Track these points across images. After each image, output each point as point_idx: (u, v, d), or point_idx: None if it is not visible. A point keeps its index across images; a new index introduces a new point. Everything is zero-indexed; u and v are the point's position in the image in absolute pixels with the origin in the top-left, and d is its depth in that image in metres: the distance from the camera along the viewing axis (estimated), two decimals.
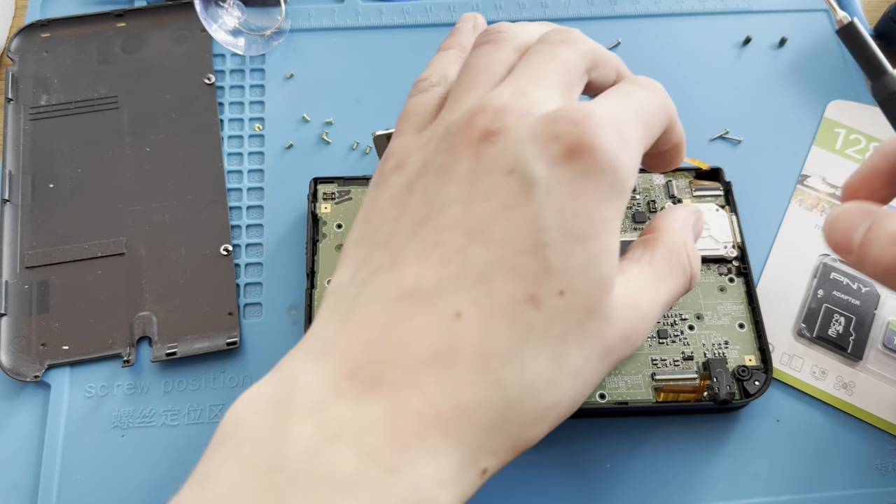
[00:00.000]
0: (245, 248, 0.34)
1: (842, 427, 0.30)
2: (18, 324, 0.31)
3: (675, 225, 0.25)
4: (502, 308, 0.18)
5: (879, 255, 0.22)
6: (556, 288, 0.19)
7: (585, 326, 0.20)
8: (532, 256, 0.19)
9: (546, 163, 0.19)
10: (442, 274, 0.19)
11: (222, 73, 0.38)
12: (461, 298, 0.18)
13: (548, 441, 0.29)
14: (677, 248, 0.24)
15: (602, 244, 0.20)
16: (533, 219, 0.19)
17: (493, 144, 0.20)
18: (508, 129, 0.20)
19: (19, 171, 0.35)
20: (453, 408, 0.18)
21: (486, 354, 0.18)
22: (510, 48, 0.24)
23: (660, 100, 0.23)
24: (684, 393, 0.28)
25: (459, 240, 0.19)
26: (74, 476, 0.29)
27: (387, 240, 0.20)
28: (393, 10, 0.40)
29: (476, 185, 0.19)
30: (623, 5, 0.40)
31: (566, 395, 0.19)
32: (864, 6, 0.40)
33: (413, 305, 0.19)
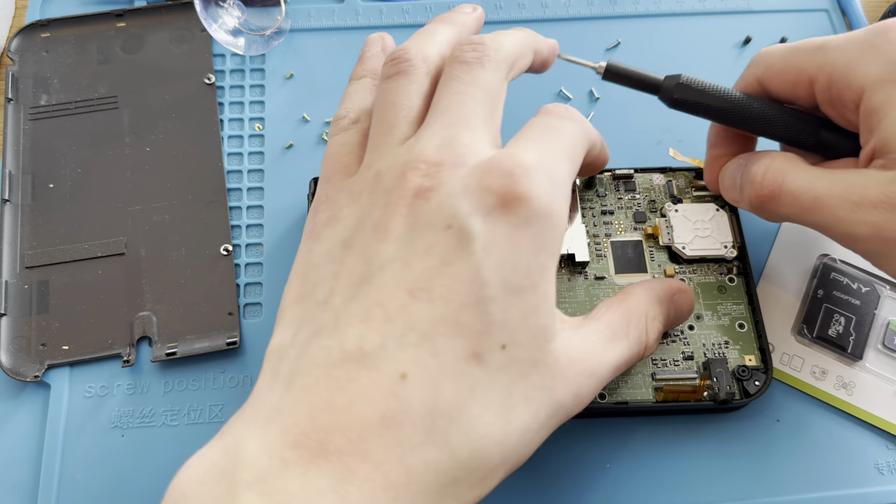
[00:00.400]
0: (245, 248, 0.34)
1: (842, 427, 0.30)
2: (18, 324, 0.31)
3: (648, 294, 0.25)
4: (447, 367, 0.18)
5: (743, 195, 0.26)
6: (499, 342, 0.19)
7: (530, 379, 0.20)
8: (474, 312, 0.19)
9: (482, 216, 0.19)
10: (385, 334, 0.18)
11: (222, 73, 0.38)
12: (406, 359, 0.18)
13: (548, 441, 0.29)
14: (638, 316, 0.24)
15: (539, 293, 0.20)
16: (473, 274, 0.19)
17: (428, 201, 0.20)
18: (442, 185, 0.20)
19: (19, 171, 0.35)
20: (402, 472, 0.17)
21: (433, 415, 0.18)
22: (422, 75, 0.24)
23: (580, 128, 0.23)
24: (684, 393, 0.28)
25: (401, 298, 0.19)
26: (74, 476, 0.29)
27: (326, 299, 0.20)
28: (393, 10, 0.40)
29: (414, 242, 0.19)
30: (623, 5, 0.40)
31: (514, 451, 0.19)
32: (864, 6, 0.40)
33: (357, 368, 0.18)
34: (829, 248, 0.33)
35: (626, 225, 0.32)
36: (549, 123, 0.23)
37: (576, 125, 0.23)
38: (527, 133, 0.22)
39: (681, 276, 0.31)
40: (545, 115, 0.23)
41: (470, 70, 0.22)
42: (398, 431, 0.18)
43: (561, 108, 0.24)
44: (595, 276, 0.31)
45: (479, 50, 0.23)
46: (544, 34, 0.39)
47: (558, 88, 0.38)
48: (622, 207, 0.32)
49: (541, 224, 0.20)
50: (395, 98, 0.23)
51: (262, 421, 0.18)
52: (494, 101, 0.23)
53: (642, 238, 0.32)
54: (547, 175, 0.20)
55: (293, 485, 0.17)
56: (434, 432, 0.18)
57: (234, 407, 0.30)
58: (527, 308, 0.19)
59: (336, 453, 0.17)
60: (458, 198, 0.19)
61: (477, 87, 0.22)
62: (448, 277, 0.19)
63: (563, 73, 0.38)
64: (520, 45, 0.25)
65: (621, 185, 0.33)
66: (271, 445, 0.17)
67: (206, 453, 0.18)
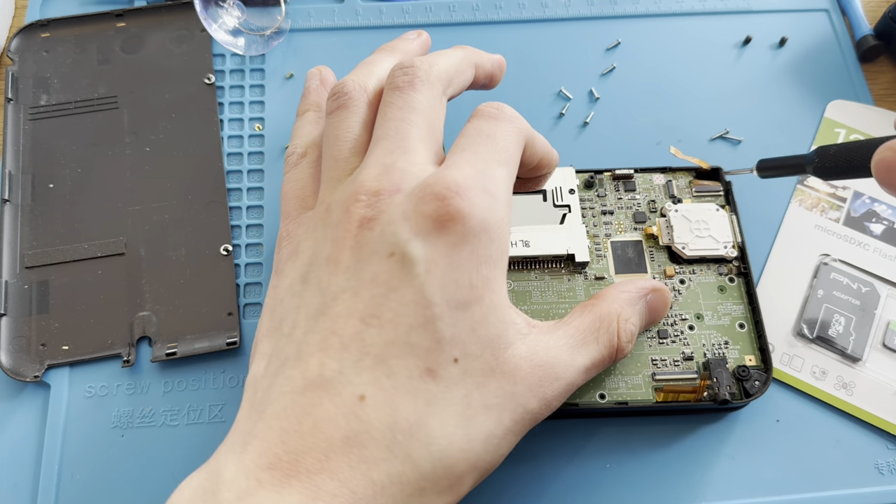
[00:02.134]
0: (245, 248, 0.34)
1: (842, 427, 0.30)
2: (18, 324, 0.31)
3: (620, 296, 0.26)
4: (402, 385, 0.19)
5: None
6: (451, 356, 0.20)
7: (487, 387, 0.21)
8: (423, 331, 0.20)
9: (421, 240, 0.20)
10: (343, 361, 0.20)
11: (222, 73, 0.38)
12: (363, 382, 0.19)
13: (548, 441, 0.29)
14: (608, 318, 0.25)
15: (486, 305, 0.21)
16: (418, 296, 0.20)
17: (371, 230, 0.21)
18: (382, 213, 0.21)
19: (19, 171, 0.35)
20: (368, 486, 0.19)
21: (392, 431, 0.19)
22: (362, 106, 0.25)
23: (511, 126, 0.24)
24: (684, 393, 0.28)
25: (354, 326, 0.20)
26: (74, 476, 0.29)
27: (290, 332, 0.21)
28: (393, 10, 0.40)
29: (362, 271, 0.21)
30: (623, 5, 0.40)
31: (481, 458, 0.20)
32: (864, 6, 0.40)
33: (320, 393, 0.19)
34: (829, 248, 0.33)
35: (626, 225, 0.32)
36: (479, 129, 0.23)
37: (507, 125, 0.24)
38: (460, 143, 0.23)
39: (681, 277, 0.31)
40: (476, 120, 0.24)
41: (402, 94, 0.23)
42: (362, 449, 0.19)
43: (491, 109, 0.24)
44: (595, 276, 0.31)
45: (410, 73, 0.24)
46: (544, 34, 0.40)
47: (558, 88, 0.38)
48: (622, 207, 0.32)
49: (478, 239, 0.20)
50: (338, 132, 0.24)
51: (239, 446, 0.20)
52: (431, 120, 0.23)
53: (642, 238, 0.32)
54: (480, 189, 0.21)
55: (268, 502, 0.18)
56: (395, 447, 0.19)
57: (234, 407, 0.30)
58: (475, 321, 0.20)
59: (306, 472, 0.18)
60: (397, 225, 0.20)
61: (410, 111, 0.23)
62: (395, 302, 0.20)
63: (563, 73, 0.38)
64: (455, 62, 0.26)
65: (621, 185, 0.33)
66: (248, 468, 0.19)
67: (195, 477, 0.20)
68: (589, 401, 0.28)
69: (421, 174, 0.22)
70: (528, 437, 0.29)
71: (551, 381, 0.22)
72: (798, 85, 0.38)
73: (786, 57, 0.39)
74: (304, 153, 0.27)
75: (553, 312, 0.30)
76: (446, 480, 0.20)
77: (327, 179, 0.24)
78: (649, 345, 0.29)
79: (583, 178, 0.33)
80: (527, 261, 0.31)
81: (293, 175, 0.26)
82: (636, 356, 0.29)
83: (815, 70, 0.38)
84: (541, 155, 0.26)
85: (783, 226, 0.34)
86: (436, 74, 0.24)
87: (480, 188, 0.21)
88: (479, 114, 0.24)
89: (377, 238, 0.21)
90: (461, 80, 0.26)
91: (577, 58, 0.39)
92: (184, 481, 0.20)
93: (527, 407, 0.21)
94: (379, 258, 0.20)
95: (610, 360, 0.25)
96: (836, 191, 0.35)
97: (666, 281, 0.31)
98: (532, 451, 0.29)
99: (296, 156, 0.27)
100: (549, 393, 0.22)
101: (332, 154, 0.24)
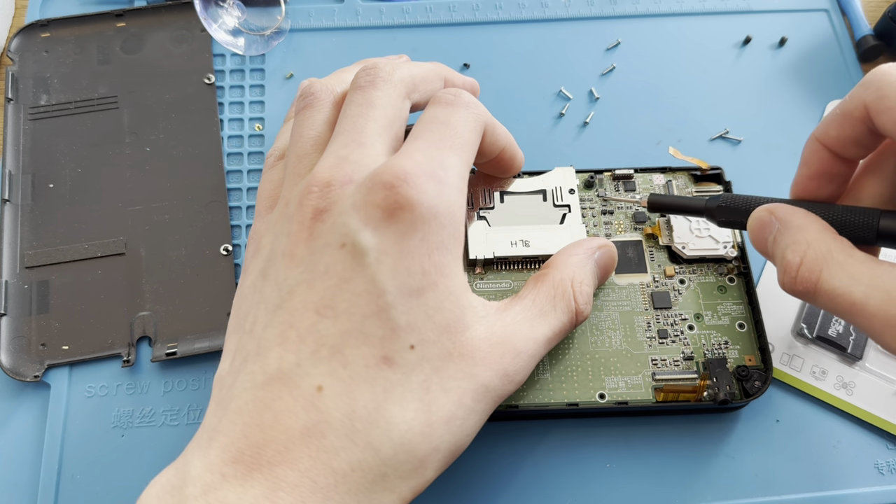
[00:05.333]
0: (245, 248, 0.34)
1: (842, 427, 0.30)
2: (18, 324, 0.31)
3: (569, 260, 0.26)
4: (359, 374, 0.20)
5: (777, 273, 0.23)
6: (406, 343, 0.20)
7: (446, 370, 0.21)
8: (377, 320, 0.20)
9: (371, 230, 0.20)
10: (300, 353, 0.20)
11: (222, 73, 0.38)
12: (320, 373, 0.20)
13: (547, 441, 0.29)
14: (563, 285, 0.25)
15: (441, 290, 0.21)
16: (370, 286, 0.20)
17: (323, 222, 0.21)
18: (334, 205, 0.21)
19: (19, 171, 0.35)
20: (329, 475, 0.19)
21: (351, 420, 0.19)
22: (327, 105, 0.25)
23: (468, 113, 0.24)
24: (684, 393, 0.28)
25: (310, 318, 0.20)
26: (74, 476, 0.29)
27: (251, 327, 0.22)
28: (393, 10, 0.40)
29: (315, 264, 0.21)
30: (623, 5, 0.40)
31: (444, 440, 0.21)
32: (864, 6, 0.40)
33: (279, 386, 0.20)
34: None
35: (626, 225, 0.32)
36: (434, 116, 0.23)
37: (463, 111, 0.24)
38: (415, 131, 0.23)
39: (681, 277, 0.31)
40: (432, 107, 0.24)
41: (362, 92, 0.24)
42: (321, 439, 0.19)
43: (448, 95, 0.24)
44: None
45: (372, 73, 0.24)
46: (544, 34, 0.40)
47: (558, 88, 0.38)
48: (622, 207, 0.32)
49: (428, 226, 0.21)
50: (302, 130, 0.25)
51: (205, 442, 0.20)
52: (390, 116, 0.24)
53: (642, 238, 0.32)
54: (429, 175, 0.21)
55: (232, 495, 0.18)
56: (355, 435, 0.19)
57: None
58: (430, 306, 0.21)
59: (267, 465, 0.19)
60: (348, 215, 0.21)
61: (369, 107, 0.23)
62: (348, 293, 0.20)
63: (563, 73, 0.38)
64: (422, 70, 0.26)
65: (621, 185, 0.33)
66: (213, 462, 0.19)
67: (165, 473, 0.20)
68: (589, 401, 0.28)
69: (374, 165, 0.22)
70: (528, 437, 0.29)
71: (512, 357, 0.22)
72: (798, 85, 0.38)
73: (786, 57, 0.39)
74: (281, 155, 0.27)
75: None
76: (409, 465, 0.20)
77: (289, 176, 0.24)
78: (649, 345, 0.29)
79: (583, 178, 0.33)
80: (527, 261, 0.31)
81: (268, 176, 0.27)
82: (636, 356, 0.29)
83: (814, 70, 0.38)
84: (503, 145, 0.26)
85: None
86: (398, 77, 0.25)
87: (429, 175, 0.21)
88: (435, 100, 0.24)
89: (329, 230, 0.21)
90: (427, 89, 0.26)
91: (577, 58, 0.39)
92: (155, 478, 0.20)
93: (488, 385, 0.22)
94: (331, 249, 0.21)
95: (571, 326, 0.25)
96: None
97: (666, 281, 0.31)
98: (531, 450, 0.29)
99: (273, 158, 0.28)
100: (511, 368, 0.22)
101: (296, 151, 0.25)
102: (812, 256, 0.22)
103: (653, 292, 0.30)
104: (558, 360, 0.29)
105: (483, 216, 0.31)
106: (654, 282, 0.31)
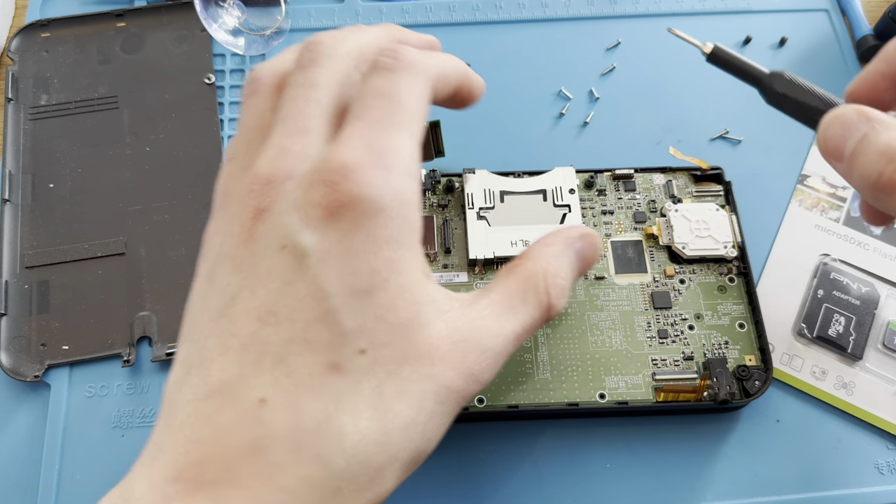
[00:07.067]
0: None
1: (842, 427, 0.30)
2: (18, 324, 0.31)
3: (544, 251, 0.24)
4: (304, 384, 0.18)
5: (867, 168, 0.20)
6: (356, 348, 0.19)
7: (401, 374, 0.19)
8: (322, 325, 0.19)
9: (312, 230, 0.19)
10: (242, 363, 0.19)
11: (222, 72, 0.38)
12: (263, 384, 0.18)
13: (547, 440, 0.29)
14: (535, 277, 0.23)
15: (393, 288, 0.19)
16: (314, 289, 0.19)
17: (264, 223, 0.20)
18: (274, 203, 0.20)
19: (19, 171, 0.35)
20: (276, 493, 0.18)
21: (298, 433, 0.18)
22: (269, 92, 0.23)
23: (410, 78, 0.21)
24: (684, 393, 0.28)
25: (251, 326, 0.19)
26: (74, 476, 0.29)
27: (196, 336, 0.20)
28: (393, 10, 0.40)
29: (257, 267, 0.19)
30: (623, 5, 0.40)
31: (402, 447, 0.19)
32: (864, 6, 0.40)
33: (221, 400, 0.19)
34: (830, 248, 0.33)
35: (626, 225, 0.32)
36: (373, 88, 0.21)
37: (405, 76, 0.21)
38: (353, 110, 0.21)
39: (681, 277, 0.31)
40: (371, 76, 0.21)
41: (304, 72, 0.22)
42: (266, 455, 0.18)
43: (387, 59, 0.21)
44: (595, 276, 0.31)
45: (314, 50, 0.22)
46: (544, 34, 0.40)
47: (558, 88, 0.38)
48: (622, 207, 0.32)
49: (374, 221, 0.19)
50: (246, 118, 0.23)
51: (149, 460, 0.19)
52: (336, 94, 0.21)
53: (642, 238, 0.32)
54: (373, 165, 0.19)
55: None
56: (303, 449, 0.18)
57: None
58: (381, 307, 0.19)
59: (211, 484, 0.18)
60: (287, 215, 0.19)
61: (311, 87, 0.21)
62: (290, 297, 0.19)
63: (563, 73, 0.38)
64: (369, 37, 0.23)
65: (621, 185, 0.33)
66: (155, 482, 0.18)
67: (109, 495, 0.19)
68: (589, 401, 0.28)
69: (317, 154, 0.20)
70: (528, 437, 0.29)
71: (477, 355, 0.21)
72: None
73: (786, 57, 0.39)
74: None
75: None
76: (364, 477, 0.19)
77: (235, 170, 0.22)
78: (649, 345, 0.29)
79: (583, 178, 0.33)
80: None
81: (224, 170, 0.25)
82: (636, 356, 0.29)
83: (815, 70, 0.38)
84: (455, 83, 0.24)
85: (783, 226, 0.34)
86: (344, 50, 0.22)
87: (372, 164, 0.19)
88: (374, 68, 0.21)
89: (269, 231, 0.20)
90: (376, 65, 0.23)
91: (577, 58, 0.39)
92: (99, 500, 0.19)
93: (451, 387, 0.20)
94: (272, 252, 0.19)
95: (542, 321, 0.23)
96: (836, 191, 0.35)
97: (666, 281, 0.31)
98: (531, 450, 0.29)
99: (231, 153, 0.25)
100: (476, 367, 0.21)
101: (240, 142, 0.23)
102: None
103: (653, 292, 0.30)
104: (558, 360, 0.29)
105: (483, 216, 0.31)
106: (654, 282, 0.31)
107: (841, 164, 0.22)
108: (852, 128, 0.21)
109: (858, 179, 0.21)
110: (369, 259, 0.19)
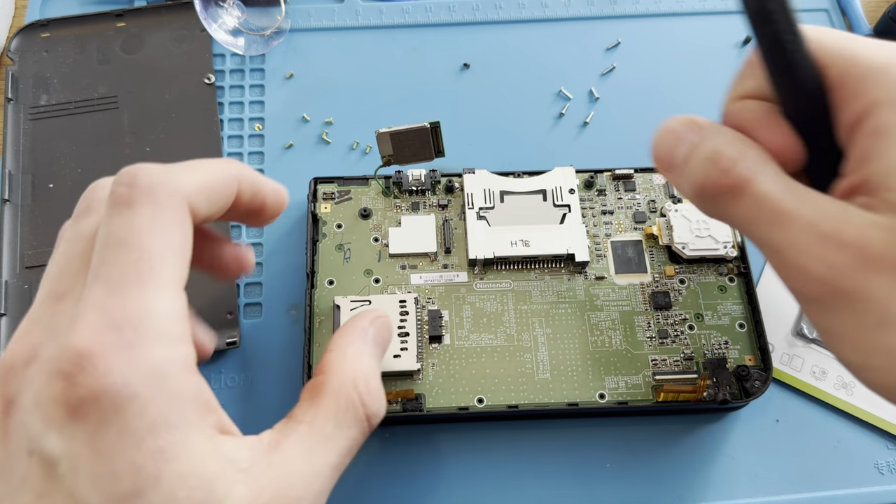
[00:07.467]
0: None
1: (842, 427, 0.30)
2: (18, 324, 0.31)
3: (345, 355, 0.22)
4: None
5: (694, 175, 0.20)
6: None
7: None
8: None
9: (56, 432, 0.16)
10: None
11: (222, 73, 0.38)
12: None
13: (548, 440, 0.29)
14: (345, 391, 0.21)
15: (167, 480, 0.17)
16: (70, 501, 0.16)
17: (12, 418, 0.17)
18: (18, 395, 0.17)
19: (19, 171, 0.35)
20: None
21: None
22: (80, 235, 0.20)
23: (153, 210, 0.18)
24: (684, 393, 0.28)
25: None
26: None
27: None
28: (393, 10, 0.40)
29: (12, 474, 0.17)
30: (623, 5, 0.40)
31: None
32: (864, 6, 0.40)
33: None
34: None
35: (626, 225, 0.32)
36: (107, 236, 0.18)
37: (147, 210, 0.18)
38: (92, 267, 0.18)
39: (681, 277, 0.31)
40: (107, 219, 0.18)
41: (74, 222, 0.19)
42: None
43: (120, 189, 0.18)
44: (595, 276, 0.31)
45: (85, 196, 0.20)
46: (544, 34, 0.40)
47: (558, 88, 0.38)
48: (622, 207, 0.32)
49: (125, 413, 0.16)
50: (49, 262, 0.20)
51: None
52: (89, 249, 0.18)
53: (642, 238, 0.32)
54: (115, 347, 0.16)
55: None
56: None
57: (233, 407, 0.30)
58: (160, 499, 0.17)
59: None
60: (30, 414, 0.17)
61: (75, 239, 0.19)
62: None
63: (563, 73, 0.38)
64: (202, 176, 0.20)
65: (621, 185, 0.33)
66: None
67: None
68: (589, 401, 0.28)
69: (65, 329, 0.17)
70: (528, 437, 0.29)
71: None
72: None
73: None
74: None
75: (553, 312, 0.30)
76: None
77: None
78: (649, 345, 0.29)
79: (583, 177, 0.33)
80: (527, 260, 0.31)
81: None
82: (636, 356, 0.29)
83: None
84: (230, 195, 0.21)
85: None
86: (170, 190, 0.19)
87: (112, 346, 0.16)
88: (109, 204, 0.18)
89: (18, 430, 0.17)
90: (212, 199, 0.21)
91: (577, 58, 0.39)
92: None
93: None
94: (23, 457, 0.17)
95: (364, 436, 0.21)
96: None
97: (666, 281, 0.31)
98: (531, 450, 0.29)
99: None
100: None
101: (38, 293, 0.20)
102: (752, 156, 0.19)
103: (653, 292, 0.30)
104: (558, 360, 0.29)
105: (483, 216, 0.31)
106: (654, 282, 0.31)
107: (672, 174, 0.21)
108: (681, 137, 0.21)
109: (687, 188, 0.20)
110: (130, 456, 0.16)
